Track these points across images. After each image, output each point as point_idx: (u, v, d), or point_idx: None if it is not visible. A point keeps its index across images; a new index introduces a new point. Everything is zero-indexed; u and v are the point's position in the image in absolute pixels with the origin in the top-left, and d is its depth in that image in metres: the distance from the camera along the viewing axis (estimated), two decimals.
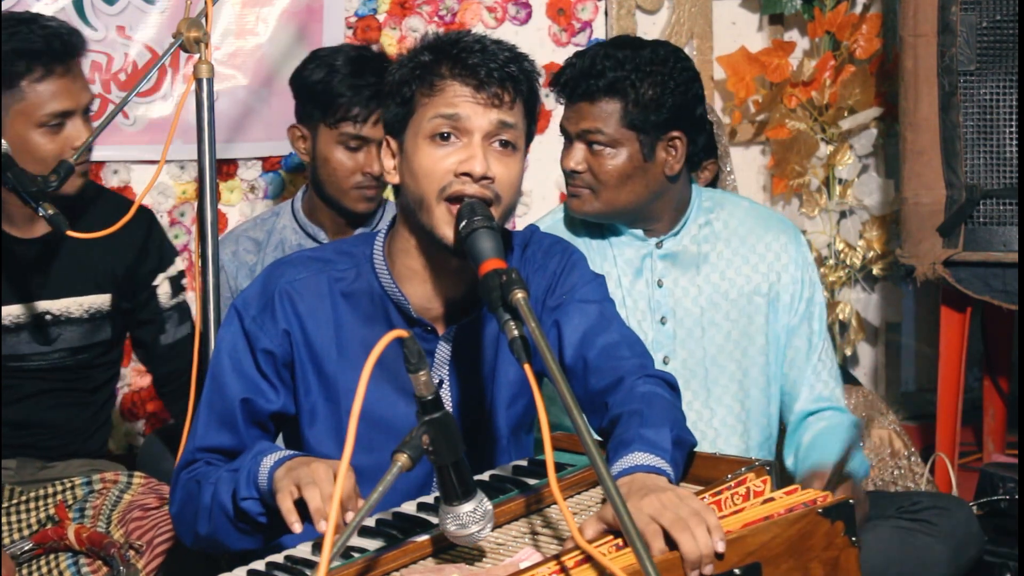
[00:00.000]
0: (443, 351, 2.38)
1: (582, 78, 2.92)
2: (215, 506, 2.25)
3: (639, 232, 3.01)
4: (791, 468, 2.99)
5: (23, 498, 3.07)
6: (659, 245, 3.01)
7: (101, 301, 3.10)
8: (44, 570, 2.93)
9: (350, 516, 2.01)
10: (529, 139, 2.37)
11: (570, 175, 2.98)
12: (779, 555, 1.93)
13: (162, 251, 3.20)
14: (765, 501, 2.04)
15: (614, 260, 3.01)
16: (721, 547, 1.87)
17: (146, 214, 3.21)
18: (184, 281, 3.25)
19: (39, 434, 3.09)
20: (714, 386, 3.01)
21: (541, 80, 2.37)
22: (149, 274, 3.17)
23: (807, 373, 3.05)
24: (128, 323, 3.19)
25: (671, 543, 1.87)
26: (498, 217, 2.27)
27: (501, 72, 2.27)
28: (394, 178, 2.35)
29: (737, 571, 1.88)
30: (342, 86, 3.35)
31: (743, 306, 3.02)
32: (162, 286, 3.19)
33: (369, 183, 3.38)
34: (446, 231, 2.25)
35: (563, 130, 2.98)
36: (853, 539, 2.00)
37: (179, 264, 3.24)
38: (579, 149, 2.95)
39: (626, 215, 2.98)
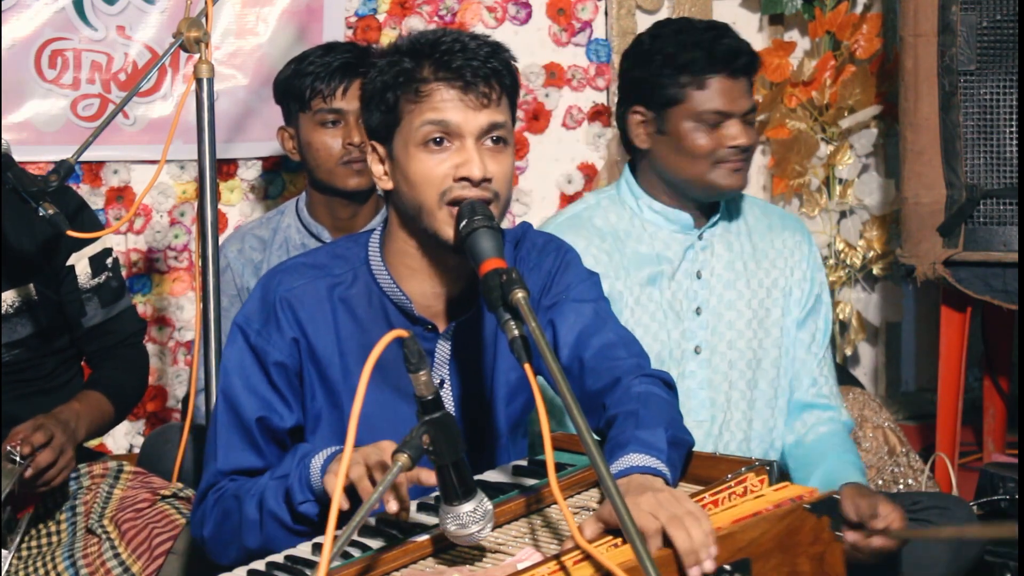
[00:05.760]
0: (443, 349, 2.38)
1: (739, 54, 2.92)
2: (265, 516, 2.22)
3: (689, 221, 3.03)
4: (786, 452, 3.08)
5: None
6: (700, 237, 3.04)
7: (26, 293, 3.03)
8: (42, 571, 2.92)
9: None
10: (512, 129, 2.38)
11: (736, 151, 2.93)
12: (768, 551, 1.95)
13: (80, 231, 3.02)
14: (757, 497, 2.06)
15: (654, 254, 3.02)
16: (713, 551, 1.88)
17: (69, 197, 3.11)
18: (110, 260, 3.14)
19: (6, 430, 3.05)
20: (732, 373, 3.05)
21: (517, 67, 2.36)
22: (65, 255, 3.09)
23: (810, 364, 3.11)
24: (58, 308, 3.10)
25: (667, 542, 1.88)
26: (497, 214, 2.26)
27: (485, 70, 2.26)
28: (387, 184, 2.34)
29: (727, 567, 1.90)
30: (308, 68, 3.41)
31: (762, 298, 3.08)
32: (79, 265, 3.10)
33: (354, 155, 3.40)
34: (449, 232, 2.25)
35: (712, 113, 2.91)
36: (838, 534, 2.02)
37: (104, 243, 3.14)
38: (740, 125, 2.93)
39: None
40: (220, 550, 2.32)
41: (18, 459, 2.80)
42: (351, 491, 2.05)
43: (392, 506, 2.02)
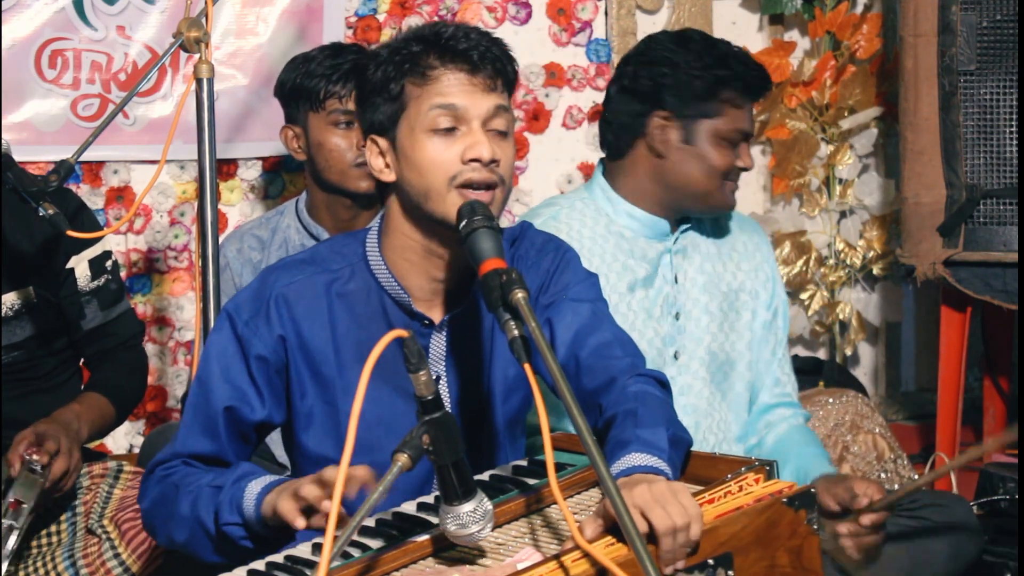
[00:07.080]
0: (438, 343, 2.38)
1: (765, 81, 3.02)
2: (194, 520, 2.23)
3: (667, 228, 3.04)
4: (749, 453, 3.08)
5: None
6: (675, 241, 3.06)
7: (25, 296, 3.03)
8: (42, 571, 2.92)
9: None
10: None
11: (737, 172, 3.03)
12: (748, 544, 1.97)
13: (80, 232, 3.01)
14: (741, 492, 2.08)
15: (631, 260, 3.02)
16: (695, 531, 1.90)
17: (68, 198, 3.11)
18: (110, 263, 3.15)
19: (5, 430, 3.05)
20: (708, 377, 3.06)
21: (517, 66, 2.37)
22: (64, 258, 3.09)
23: (773, 367, 3.14)
24: (56, 310, 3.11)
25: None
26: (500, 202, 2.28)
27: (490, 54, 2.28)
28: (388, 176, 2.33)
29: (711, 561, 1.92)
30: (319, 69, 3.40)
31: (732, 301, 3.10)
32: (79, 268, 3.10)
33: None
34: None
35: (737, 132, 2.99)
36: (815, 527, 2.04)
37: (104, 246, 3.15)
38: (748, 147, 3.04)
39: None
40: (152, 528, 2.35)
41: (39, 468, 2.81)
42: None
43: (299, 523, 2.05)
